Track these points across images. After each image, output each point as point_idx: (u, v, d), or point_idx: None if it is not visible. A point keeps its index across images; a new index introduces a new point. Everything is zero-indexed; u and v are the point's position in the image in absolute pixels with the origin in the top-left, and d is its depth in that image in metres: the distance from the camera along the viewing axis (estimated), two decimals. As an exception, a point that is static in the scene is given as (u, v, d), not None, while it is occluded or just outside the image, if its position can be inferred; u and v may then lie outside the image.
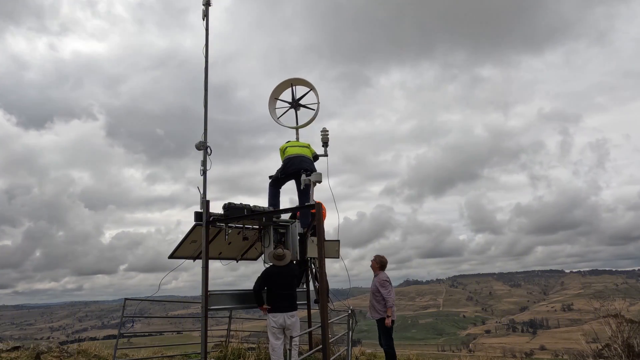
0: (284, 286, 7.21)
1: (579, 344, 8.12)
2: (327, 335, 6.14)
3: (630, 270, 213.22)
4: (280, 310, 7.11)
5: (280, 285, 7.19)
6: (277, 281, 7.21)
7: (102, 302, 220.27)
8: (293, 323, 7.15)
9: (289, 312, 7.15)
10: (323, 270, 6.44)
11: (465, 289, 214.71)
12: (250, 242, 8.94)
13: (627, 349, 6.67)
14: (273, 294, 7.19)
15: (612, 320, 7.22)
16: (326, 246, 6.82)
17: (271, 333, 7.15)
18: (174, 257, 8.38)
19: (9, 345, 9.38)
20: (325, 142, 9.14)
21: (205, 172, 7.50)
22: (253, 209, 7.79)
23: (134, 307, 9.13)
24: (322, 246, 6.52)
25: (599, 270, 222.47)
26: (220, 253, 8.85)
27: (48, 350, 9.07)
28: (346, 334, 8.48)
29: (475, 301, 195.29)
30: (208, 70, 7.92)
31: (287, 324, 7.10)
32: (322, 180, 8.08)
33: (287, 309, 7.15)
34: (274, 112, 9.86)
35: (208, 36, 8.05)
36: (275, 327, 7.09)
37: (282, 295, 7.17)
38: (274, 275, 7.27)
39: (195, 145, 7.53)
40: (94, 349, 9.69)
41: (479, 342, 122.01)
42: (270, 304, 7.20)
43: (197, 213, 7.50)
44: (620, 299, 8.88)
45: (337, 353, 8.68)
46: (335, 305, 8.75)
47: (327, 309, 6.35)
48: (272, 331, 7.12)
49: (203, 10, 8.16)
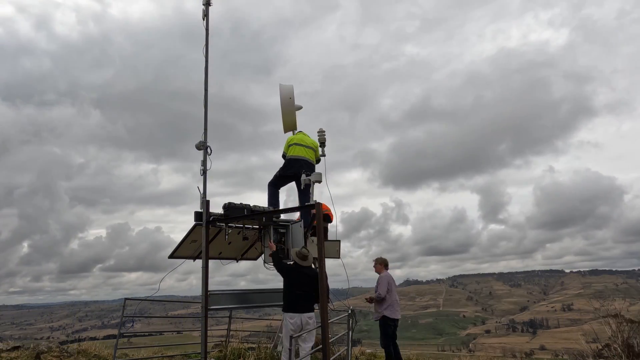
0: (304, 286, 7.11)
1: (579, 344, 8.12)
2: (327, 335, 6.13)
3: (630, 270, 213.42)
4: (298, 310, 7.00)
5: (301, 285, 7.10)
6: (299, 280, 7.12)
7: (102, 302, 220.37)
8: (310, 325, 7.06)
9: (306, 313, 7.06)
10: (323, 270, 6.43)
11: (465, 288, 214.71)
12: (250, 242, 8.95)
13: (627, 349, 6.67)
14: (293, 294, 7.08)
15: (612, 320, 7.21)
16: (326, 246, 6.81)
17: (287, 334, 6.91)
18: (174, 257, 8.39)
19: (9, 345, 9.39)
20: (322, 143, 9.12)
21: (205, 172, 7.50)
22: (253, 209, 7.79)
23: (134, 307, 9.13)
24: (322, 246, 6.52)
25: (599, 270, 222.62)
26: (220, 253, 8.86)
27: (48, 350, 9.07)
28: (346, 334, 8.48)
29: (475, 301, 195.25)
30: (208, 70, 7.91)
31: (304, 325, 6.98)
32: (322, 180, 8.10)
33: (305, 310, 7.06)
34: None
35: (208, 36, 8.03)
36: (292, 329, 6.92)
37: (302, 296, 7.07)
38: (294, 273, 7.21)
39: (195, 145, 7.52)
40: (94, 349, 9.70)
41: (479, 342, 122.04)
42: (289, 303, 7.08)
43: (197, 213, 7.49)
44: (620, 299, 8.89)
45: (337, 353, 8.67)
46: (335, 305, 8.76)
47: (327, 309, 6.35)
48: (289, 332, 6.90)
49: (203, 10, 8.13)
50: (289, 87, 9.07)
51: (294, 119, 9.07)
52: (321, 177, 8.10)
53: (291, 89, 9.02)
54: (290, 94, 8.99)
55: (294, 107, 8.99)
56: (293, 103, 8.99)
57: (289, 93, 8.99)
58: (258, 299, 8.60)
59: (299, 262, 7.29)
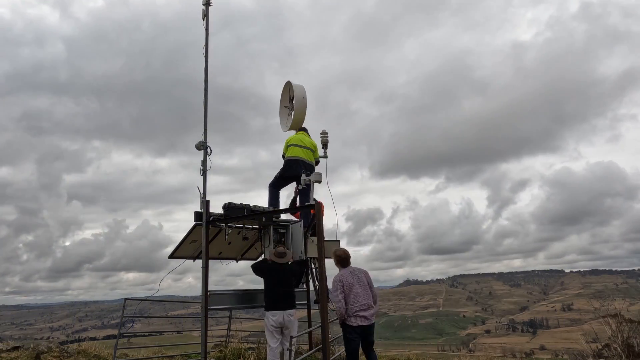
0: (282, 283, 7.10)
1: (579, 343, 8.12)
2: (327, 335, 6.14)
3: (630, 270, 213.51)
4: (279, 308, 6.99)
5: (278, 282, 7.08)
6: (275, 277, 7.11)
7: (102, 302, 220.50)
8: (292, 322, 7.05)
9: (288, 310, 7.04)
10: (323, 270, 6.44)
11: (465, 288, 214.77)
12: (250, 242, 8.95)
13: (627, 348, 6.67)
14: (271, 291, 7.09)
15: (612, 320, 7.22)
16: (326, 246, 6.81)
17: (269, 332, 7.01)
18: (174, 257, 8.39)
19: (9, 345, 9.38)
20: (324, 144, 9.12)
21: (205, 172, 7.50)
22: (253, 209, 7.79)
23: (134, 307, 9.13)
24: (322, 246, 6.52)
25: (599, 270, 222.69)
26: (220, 253, 8.86)
27: (48, 350, 9.06)
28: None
29: (475, 301, 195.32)
30: (208, 70, 7.91)
31: (286, 322, 6.99)
32: (322, 180, 8.09)
33: (286, 307, 7.03)
34: (282, 120, 9.70)
35: (208, 36, 8.03)
36: (273, 326, 6.96)
37: (281, 293, 7.06)
38: (268, 270, 7.19)
39: (195, 145, 7.52)
40: (94, 349, 9.69)
41: (479, 342, 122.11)
42: (270, 302, 7.07)
43: (197, 213, 7.49)
44: (620, 299, 8.90)
45: (337, 353, 8.66)
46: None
47: (327, 309, 6.35)
48: (270, 330, 6.98)
49: (203, 10, 8.13)
50: (302, 87, 9.21)
51: (303, 118, 9.16)
52: (321, 177, 8.10)
53: (304, 90, 9.18)
54: (303, 94, 9.13)
55: (305, 107, 9.14)
56: (306, 103, 9.13)
57: (302, 93, 9.13)
58: (258, 299, 8.60)
59: (276, 260, 7.25)
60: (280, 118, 9.71)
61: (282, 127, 9.60)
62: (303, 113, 9.14)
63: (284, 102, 9.67)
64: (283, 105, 9.69)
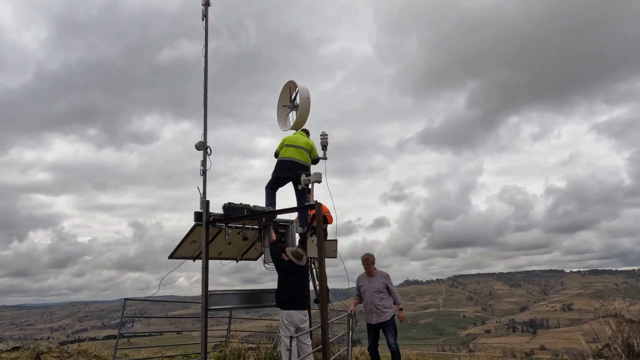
0: (300, 284, 7.29)
1: (579, 343, 8.12)
2: (327, 335, 6.14)
3: (630, 270, 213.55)
4: (296, 307, 7.11)
5: (296, 283, 7.24)
6: (293, 278, 7.25)
7: (102, 302, 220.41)
8: (305, 322, 7.22)
9: (303, 310, 7.21)
10: (323, 270, 6.44)
11: (465, 288, 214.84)
12: (250, 242, 8.95)
13: (627, 348, 6.68)
14: (289, 292, 7.18)
15: (612, 320, 7.22)
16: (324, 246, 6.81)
17: (284, 332, 6.99)
18: (174, 257, 8.39)
19: (9, 346, 9.38)
20: (324, 146, 9.11)
21: (205, 172, 7.49)
22: (253, 209, 7.79)
23: (134, 308, 9.13)
24: (322, 246, 6.53)
25: (599, 270, 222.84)
26: (220, 253, 8.86)
27: (48, 350, 9.07)
28: (346, 334, 8.48)
29: (475, 301, 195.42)
30: (207, 70, 7.91)
31: (300, 322, 7.10)
32: (321, 180, 8.08)
33: (302, 307, 7.20)
34: (280, 119, 9.71)
35: (207, 36, 8.02)
36: (290, 327, 6.99)
37: (298, 294, 7.21)
38: (289, 269, 7.28)
39: (195, 145, 7.51)
40: (94, 349, 9.69)
41: (479, 342, 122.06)
42: (286, 301, 7.14)
43: (197, 213, 7.49)
44: (620, 299, 8.89)
45: (337, 353, 8.67)
46: (335, 305, 8.75)
47: (327, 309, 6.35)
48: (285, 331, 6.97)
49: (202, 10, 8.11)
50: (306, 88, 9.23)
51: (306, 119, 9.19)
52: (321, 177, 8.08)
53: (308, 91, 9.21)
54: (308, 95, 9.15)
55: (309, 108, 9.15)
56: (310, 104, 9.14)
57: (307, 93, 9.15)
58: (258, 299, 8.61)
59: (295, 260, 7.31)
60: (278, 117, 9.68)
61: (280, 126, 9.58)
62: (306, 114, 9.15)
63: (283, 101, 9.65)
64: (282, 104, 9.69)
